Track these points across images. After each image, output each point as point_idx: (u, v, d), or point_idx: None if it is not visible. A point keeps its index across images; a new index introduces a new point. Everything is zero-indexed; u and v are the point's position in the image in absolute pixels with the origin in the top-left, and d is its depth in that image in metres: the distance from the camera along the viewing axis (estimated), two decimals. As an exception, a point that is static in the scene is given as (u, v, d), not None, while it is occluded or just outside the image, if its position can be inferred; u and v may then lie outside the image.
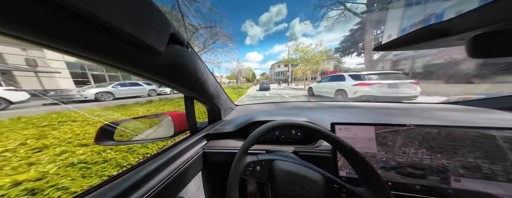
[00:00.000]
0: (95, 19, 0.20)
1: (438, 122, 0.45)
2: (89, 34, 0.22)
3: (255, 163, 0.42)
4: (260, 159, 0.43)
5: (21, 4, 0.16)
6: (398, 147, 0.47)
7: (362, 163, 0.35)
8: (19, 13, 0.16)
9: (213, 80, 0.72)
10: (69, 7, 0.18)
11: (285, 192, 0.37)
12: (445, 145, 0.43)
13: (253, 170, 0.41)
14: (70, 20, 0.20)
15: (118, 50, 0.27)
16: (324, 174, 0.38)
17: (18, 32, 0.18)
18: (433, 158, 0.44)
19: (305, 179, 0.37)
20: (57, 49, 0.22)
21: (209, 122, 0.90)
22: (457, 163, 0.42)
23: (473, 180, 0.41)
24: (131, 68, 0.33)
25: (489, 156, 0.40)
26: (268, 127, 0.42)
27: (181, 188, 0.54)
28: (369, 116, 0.75)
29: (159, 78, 0.42)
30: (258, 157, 0.43)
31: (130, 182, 0.37)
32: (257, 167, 0.42)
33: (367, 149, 0.49)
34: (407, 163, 0.46)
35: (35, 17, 0.17)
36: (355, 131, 0.51)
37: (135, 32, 0.25)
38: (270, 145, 0.67)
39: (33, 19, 0.18)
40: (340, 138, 0.38)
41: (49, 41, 0.20)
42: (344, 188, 0.36)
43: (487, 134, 0.40)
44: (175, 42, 0.38)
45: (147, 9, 0.27)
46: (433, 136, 0.44)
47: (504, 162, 0.39)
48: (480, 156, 0.41)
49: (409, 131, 0.46)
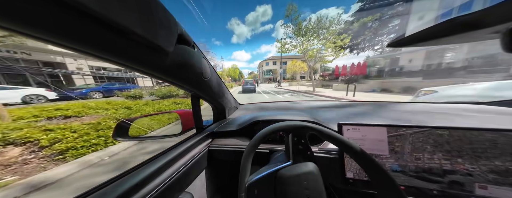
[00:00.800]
0: (109, 21, 0.22)
1: (453, 125, 0.41)
2: (103, 35, 0.24)
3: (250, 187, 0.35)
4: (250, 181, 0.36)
5: (43, 7, 0.18)
6: (412, 150, 0.43)
7: (372, 165, 0.33)
8: (42, 16, 0.18)
9: (218, 80, 0.73)
10: (87, 10, 0.19)
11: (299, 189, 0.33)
12: (462, 148, 0.39)
13: None
14: (87, 22, 0.21)
15: (131, 51, 0.29)
16: None
17: (34, 32, 0.19)
18: (454, 163, 0.40)
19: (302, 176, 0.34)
20: (73, 48, 0.23)
21: (214, 120, 0.92)
22: (483, 168, 0.38)
23: (502, 188, 0.36)
24: (141, 67, 0.34)
25: None
26: (266, 133, 0.39)
27: (188, 184, 0.56)
28: (384, 115, 0.70)
29: (167, 77, 0.44)
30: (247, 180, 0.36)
31: (139, 178, 0.40)
32: (255, 190, 0.35)
33: (377, 151, 0.47)
34: (422, 166, 0.42)
35: (57, 20, 0.19)
36: (364, 132, 0.48)
37: (147, 34, 0.27)
38: (274, 145, 0.66)
39: (56, 22, 0.19)
40: (347, 139, 0.36)
41: (67, 42, 0.22)
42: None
43: (507, 135, 0.36)
44: (183, 43, 0.40)
45: (158, 12, 0.28)
46: (445, 139, 0.40)
47: None
48: (508, 160, 0.36)
49: (419, 133, 0.42)
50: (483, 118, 0.61)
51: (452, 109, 0.78)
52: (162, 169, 0.47)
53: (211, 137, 0.75)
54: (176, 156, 0.52)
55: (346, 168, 0.49)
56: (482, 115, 0.65)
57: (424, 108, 0.86)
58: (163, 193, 0.43)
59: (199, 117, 0.75)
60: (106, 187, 0.37)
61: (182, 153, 0.55)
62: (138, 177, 0.40)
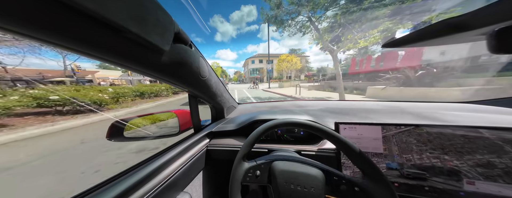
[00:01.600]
0: (103, 19, 0.21)
1: (444, 123, 0.43)
2: (98, 34, 0.23)
3: (254, 168, 0.42)
4: (259, 163, 0.42)
5: (32, 4, 0.17)
6: (404, 148, 0.45)
7: (360, 157, 0.35)
8: (31, 13, 0.17)
9: (216, 79, 0.73)
10: (79, 7, 0.18)
11: (287, 192, 0.37)
12: (444, 146, 0.42)
13: (252, 175, 0.41)
14: (80, 19, 0.20)
15: (125, 49, 0.28)
16: (322, 168, 0.38)
17: (28, 31, 0.19)
18: (443, 160, 0.42)
19: (305, 176, 0.37)
20: (66, 47, 0.22)
21: (212, 120, 0.91)
22: (469, 162, 0.40)
23: (489, 183, 0.38)
24: (137, 66, 0.34)
25: (492, 151, 0.38)
26: (266, 128, 0.41)
27: (186, 184, 0.56)
28: (378, 115, 0.72)
29: (164, 77, 0.43)
30: (257, 161, 0.43)
31: (137, 178, 0.39)
32: (256, 171, 0.41)
33: (373, 149, 0.48)
34: (414, 164, 0.44)
35: (45, 16, 0.18)
36: (360, 130, 0.49)
37: (142, 32, 0.26)
38: (273, 144, 0.67)
39: (44, 19, 0.18)
40: (337, 133, 0.38)
41: (59, 40, 0.21)
42: (344, 179, 0.36)
43: (474, 130, 0.39)
44: (179, 41, 0.39)
45: (153, 10, 0.28)
46: (426, 137, 0.43)
47: (507, 154, 0.37)
48: (485, 152, 0.39)
49: (414, 131, 0.44)
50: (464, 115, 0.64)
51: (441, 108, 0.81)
52: (160, 169, 0.46)
53: (210, 137, 0.74)
54: (174, 156, 0.52)
55: (343, 167, 0.51)
56: (466, 113, 0.68)
57: (424, 106, 0.88)
58: (161, 194, 0.43)
59: (197, 116, 0.74)
60: (102, 188, 0.36)
61: (180, 153, 0.55)
62: (135, 177, 0.39)
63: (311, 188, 0.36)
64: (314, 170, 0.38)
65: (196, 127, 0.76)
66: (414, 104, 0.92)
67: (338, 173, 0.37)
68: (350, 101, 1.14)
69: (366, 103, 1.06)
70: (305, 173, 0.38)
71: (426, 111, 0.74)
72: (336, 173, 0.37)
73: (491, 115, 0.64)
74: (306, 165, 0.39)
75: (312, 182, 0.36)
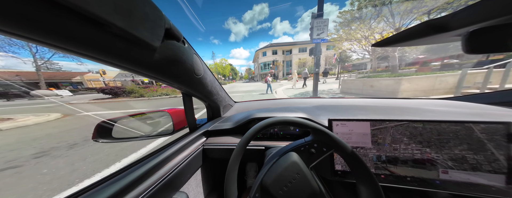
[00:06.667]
0: (84, 12, 0.19)
1: (425, 118, 0.47)
2: (79, 28, 0.21)
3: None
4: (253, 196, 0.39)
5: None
6: (390, 142, 0.49)
7: (352, 157, 0.37)
8: (3, 5, 0.15)
9: (212, 77, 0.71)
10: None
11: (287, 194, 0.36)
12: (431, 139, 0.46)
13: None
14: (58, 13, 0.19)
15: (111, 46, 0.26)
16: (291, 148, 0.42)
17: (2, 26, 0.17)
18: (423, 152, 0.46)
19: (287, 171, 0.38)
20: (45, 43, 0.21)
21: (208, 119, 0.90)
22: (445, 156, 0.45)
23: (459, 172, 0.44)
24: (126, 64, 0.32)
25: (472, 148, 0.43)
26: (262, 126, 0.41)
27: (182, 184, 0.55)
28: (367, 112, 0.76)
29: (156, 75, 0.42)
30: (251, 196, 0.39)
31: (131, 179, 0.38)
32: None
33: (362, 144, 0.51)
34: (399, 157, 0.48)
35: (18, 9, 0.16)
36: (351, 126, 0.52)
37: (128, 27, 0.24)
38: (268, 141, 0.68)
39: (18, 12, 0.16)
40: (331, 132, 0.40)
41: (36, 35, 0.19)
42: (307, 144, 0.41)
43: (467, 127, 0.43)
44: (171, 38, 0.37)
45: (141, 3, 0.26)
46: (419, 131, 0.46)
47: (485, 152, 0.42)
48: (464, 148, 0.43)
49: (399, 126, 0.48)
50: (450, 111, 0.71)
51: (424, 104, 0.88)
52: (154, 169, 0.45)
53: (206, 135, 0.74)
54: (169, 156, 0.51)
55: (335, 161, 0.54)
56: (449, 109, 0.75)
57: (399, 103, 0.95)
58: (157, 193, 0.42)
59: (191, 115, 0.73)
60: (95, 188, 0.35)
61: (175, 152, 0.54)
62: (129, 178, 0.38)
63: (296, 174, 0.37)
64: (288, 157, 0.40)
65: (191, 126, 0.74)
66: (400, 100, 0.99)
67: (300, 142, 0.41)
68: (342, 99, 1.19)
69: (355, 100, 1.12)
70: (285, 167, 0.38)
71: (409, 107, 0.81)
72: (301, 144, 0.41)
73: (457, 109, 0.71)
74: (283, 158, 0.40)
75: (293, 168, 0.37)
